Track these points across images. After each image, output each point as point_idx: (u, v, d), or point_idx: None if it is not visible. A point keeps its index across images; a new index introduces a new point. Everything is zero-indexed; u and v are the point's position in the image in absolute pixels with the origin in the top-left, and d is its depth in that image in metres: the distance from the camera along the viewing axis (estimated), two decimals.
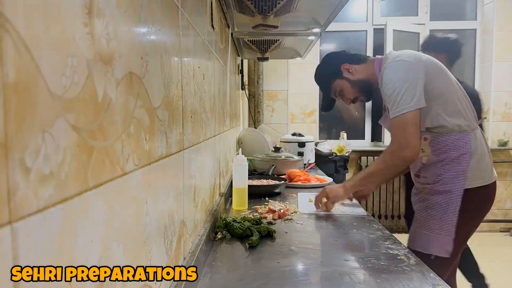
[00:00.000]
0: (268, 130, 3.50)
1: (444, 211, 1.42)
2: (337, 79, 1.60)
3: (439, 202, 1.43)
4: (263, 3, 1.40)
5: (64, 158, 0.36)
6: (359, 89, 1.59)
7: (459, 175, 1.41)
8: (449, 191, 1.42)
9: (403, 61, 1.39)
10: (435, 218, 1.43)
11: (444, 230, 1.42)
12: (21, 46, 0.30)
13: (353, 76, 1.57)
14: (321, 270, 1.02)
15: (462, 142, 1.42)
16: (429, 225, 1.45)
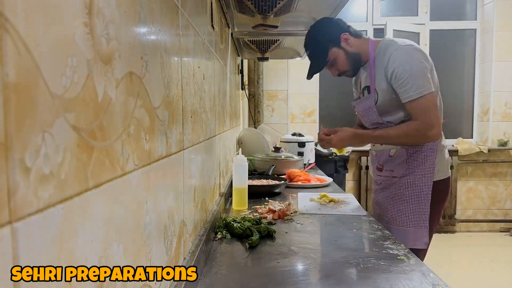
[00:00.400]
0: (268, 130, 3.50)
1: (418, 204, 1.48)
2: (334, 47, 1.57)
3: (411, 196, 1.48)
4: (263, 3, 1.40)
5: (64, 158, 0.36)
6: (351, 62, 1.58)
7: (429, 168, 1.48)
8: (421, 185, 1.48)
9: (414, 46, 1.43)
10: (409, 212, 1.48)
11: (420, 223, 1.48)
12: (21, 46, 0.30)
13: (350, 47, 1.56)
14: (321, 270, 1.02)
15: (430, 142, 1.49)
16: (404, 220, 1.49)
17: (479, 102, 4.30)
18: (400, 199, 1.50)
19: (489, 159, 4.10)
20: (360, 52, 1.56)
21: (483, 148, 4.03)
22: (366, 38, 1.59)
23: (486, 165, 4.16)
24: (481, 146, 4.09)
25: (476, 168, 4.17)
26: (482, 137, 4.27)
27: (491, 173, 4.19)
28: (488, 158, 4.10)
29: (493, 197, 4.21)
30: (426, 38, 4.23)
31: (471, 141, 4.27)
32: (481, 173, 4.19)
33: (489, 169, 4.19)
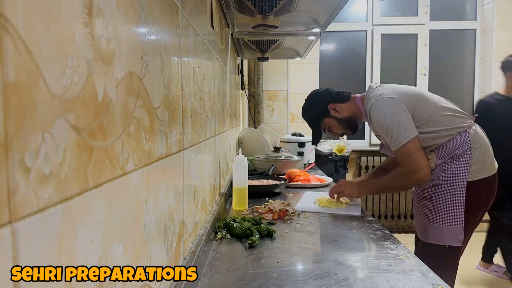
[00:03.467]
0: (268, 130, 3.50)
1: (451, 203, 1.53)
2: (325, 118, 1.75)
3: (445, 195, 1.53)
4: (263, 3, 1.40)
5: (64, 158, 0.36)
6: (345, 125, 1.74)
7: (461, 168, 1.52)
8: (453, 184, 1.52)
9: (386, 98, 1.53)
10: (444, 210, 1.53)
11: (454, 221, 1.53)
12: (21, 46, 0.30)
13: (340, 114, 1.72)
14: (321, 270, 1.02)
15: (461, 141, 1.53)
16: (440, 218, 1.54)
17: None
18: (436, 199, 1.55)
19: None
20: (351, 114, 1.72)
21: None
22: (353, 97, 1.73)
23: None
24: None
25: None
26: None
27: None
28: None
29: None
30: (426, 38, 4.23)
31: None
32: None
33: None
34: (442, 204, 1.54)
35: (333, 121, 1.74)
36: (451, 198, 1.53)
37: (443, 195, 1.54)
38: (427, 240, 1.57)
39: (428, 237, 1.57)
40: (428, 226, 1.57)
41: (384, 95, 1.54)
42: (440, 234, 1.54)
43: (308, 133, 3.62)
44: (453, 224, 1.53)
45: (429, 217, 1.57)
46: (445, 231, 1.54)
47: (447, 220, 1.54)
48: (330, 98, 1.74)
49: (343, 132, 1.78)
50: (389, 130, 1.49)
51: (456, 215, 1.53)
